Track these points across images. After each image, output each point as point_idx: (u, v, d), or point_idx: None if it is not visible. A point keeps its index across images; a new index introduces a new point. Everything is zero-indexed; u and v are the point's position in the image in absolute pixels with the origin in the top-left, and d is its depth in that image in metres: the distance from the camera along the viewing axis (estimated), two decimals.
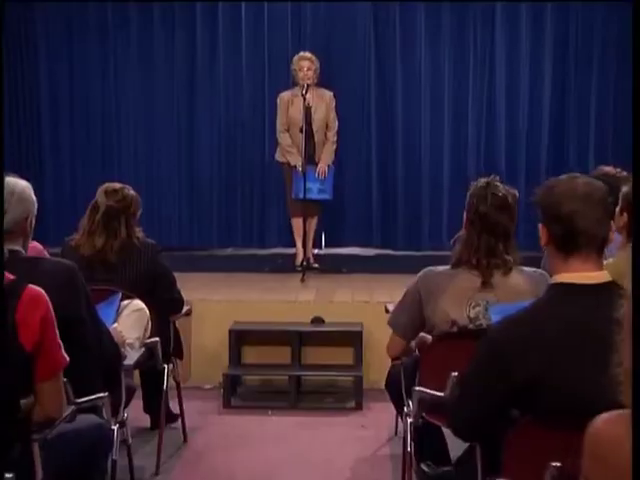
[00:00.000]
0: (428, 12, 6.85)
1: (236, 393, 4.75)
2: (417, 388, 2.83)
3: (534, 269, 2.83)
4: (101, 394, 2.67)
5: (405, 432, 2.97)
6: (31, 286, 2.04)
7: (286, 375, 4.69)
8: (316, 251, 6.36)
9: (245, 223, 6.96)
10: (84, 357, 2.53)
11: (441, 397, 2.77)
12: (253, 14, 6.85)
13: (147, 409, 4.01)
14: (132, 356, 3.04)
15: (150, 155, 6.92)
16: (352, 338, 4.80)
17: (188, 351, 4.71)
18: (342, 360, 4.84)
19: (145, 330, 3.25)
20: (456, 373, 2.71)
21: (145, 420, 4.02)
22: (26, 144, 6.89)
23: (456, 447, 3.07)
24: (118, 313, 3.18)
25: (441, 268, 2.81)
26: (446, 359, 2.74)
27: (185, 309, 3.82)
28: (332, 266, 6.18)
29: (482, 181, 2.76)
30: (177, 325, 3.81)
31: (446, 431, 3.07)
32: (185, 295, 3.81)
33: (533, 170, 6.86)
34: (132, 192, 3.58)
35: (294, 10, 6.88)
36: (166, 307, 3.64)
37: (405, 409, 2.99)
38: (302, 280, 5.67)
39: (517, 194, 2.75)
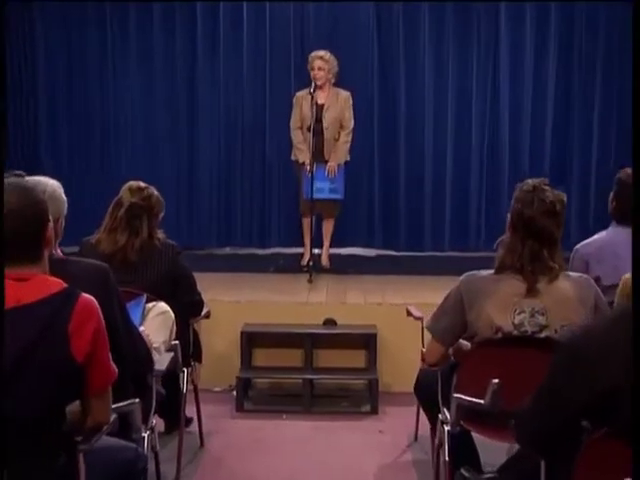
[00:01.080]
0: (432, 11, 6.81)
1: (248, 396, 4.67)
2: (456, 395, 2.77)
3: (579, 274, 2.78)
4: (134, 400, 2.59)
5: (441, 440, 2.90)
6: (84, 295, 1.94)
7: (299, 378, 4.61)
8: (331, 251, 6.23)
9: (245, 222, 6.90)
10: (119, 363, 2.44)
11: (480, 404, 2.71)
12: (255, 13, 6.78)
13: (161, 413, 3.91)
14: (162, 361, 2.95)
15: (149, 154, 6.83)
16: (366, 341, 4.73)
17: None
18: (354, 363, 4.77)
19: (171, 333, 3.16)
20: (497, 380, 2.66)
21: (158, 423, 3.92)
22: (22, 144, 6.75)
23: (487, 454, 3.05)
24: (144, 316, 3.09)
25: (484, 272, 2.75)
26: (487, 366, 2.69)
27: (205, 311, 3.73)
28: (333, 267, 6.10)
29: (529, 184, 2.69)
30: (196, 327, 3.72)
31: (476, 437, 3.03)
32: None
33: (537, 171, 6.78)
34: (157, 193, 3.49)
35: (296, 9, 6.81)
36: (186, 309, 3.56)
37: (440, 416, 2.93)
38: (309, 281, 5.59)
39: (565, 198, 2.67)
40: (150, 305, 3.14)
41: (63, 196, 2.60)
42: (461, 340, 2.79)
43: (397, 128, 6.82)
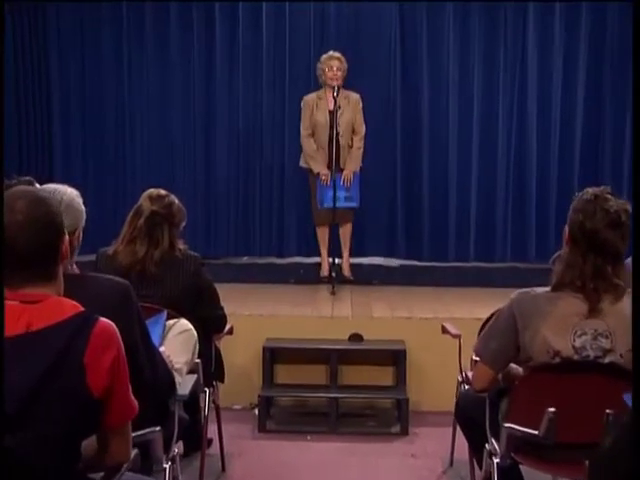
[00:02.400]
0: (457, 12, 6.59)
1: (270, 415, 4.43)
2: (507, 424, 2.52)
3: None
4: (154, 428, 2.36)
5: (488, 472, 2.65)
6: (102, 320, 1.71)
7: (323, 397, 4.37)
8: (352, 260, 6.01)
9: (263, 231, 6.68)
10: (140, 389, 2.21)
11: (535, 435, 2.47)
12: (274, 14, 6.58)
13: (181, 435, 3.67)
14: (185, 385, 2.72)
15: (165, 160, 6.64)
16: (394, 357, 4.50)
17: None
18: (382, 380, 4.53)
19: (193, 354, 2.93)
20: (553, 409, 2.42)
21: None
22: (35, 147, 6.58)
23: None
24: (164, 334, 2.86)
25: (539, 290, 2.49)
26: (542, 393, 2.45)
27: (228, 327, 3.49)
28: (355, 277, 5.87)
29: (589, 193, 2.44)
30: (217, 344, 3.48)
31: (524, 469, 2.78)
32: None
33: (566, 178, 6.60)
34: (177, 201, 3.27)
35: (317, 10, 6.61)
36: (209, 325, 3.33)
37: (487, 446, 2.68)
38: (332, 293, 5.36)
39: (630, 207, 2.42)
40: (171, 322, 2.92)
41: (82, 206, 2.38)
42: (512, 364, 2.54)
43: (420, 133, 6.60)
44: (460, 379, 3.48)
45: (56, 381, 1.61)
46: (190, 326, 2.94)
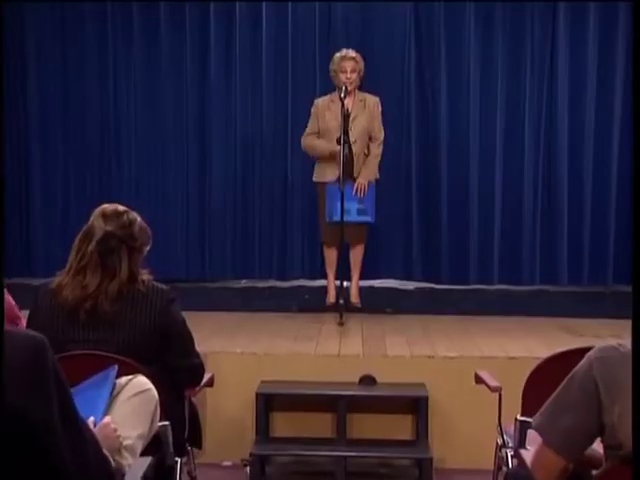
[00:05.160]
0: (478, 10, 6.12)
1: (265, 475, 3.71)
2: None
3: None
4: None
5: None
6: None
7: (329, 455, 3.66)
8: (360, 283, 5.40)
9: (263, 251, 6.25)
10: None
11: None
12: (275, 13, 6.15)
13: None
14: (135, 471, 2.00)
15: (155, 172, 6.26)
16: (414, 405, 3.79)
17: (203, 418, 3.71)
18: (399, 433, 3.83)
19: (152, 422, 2.23)
20: None
21: None
22: (11, 162, 6.11)
23: None
24: (112, 397, 2.16)
25: (629, 346, 1.76)
26: None
27: (206, 378, 2.78)
28: (366, 303, 5.25)
29: None
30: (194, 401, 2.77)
31: None
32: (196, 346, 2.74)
33: (601, 193, 6.12)
34: (140, 220, 2.58)
35: (322, 9, 6.16)
36: (181, 378, 2.62)
37: None
38: (340, 324, 4.67)
39: None
40: (123, 381, 2.23)
41: None
42: (595, 448, 1.82)
43: (438, 142, 6.16)
44: (500, 442, 2.79)
45: None
46: (149, 385, 2.24)
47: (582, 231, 6.07)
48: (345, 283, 5.10)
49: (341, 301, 4.92)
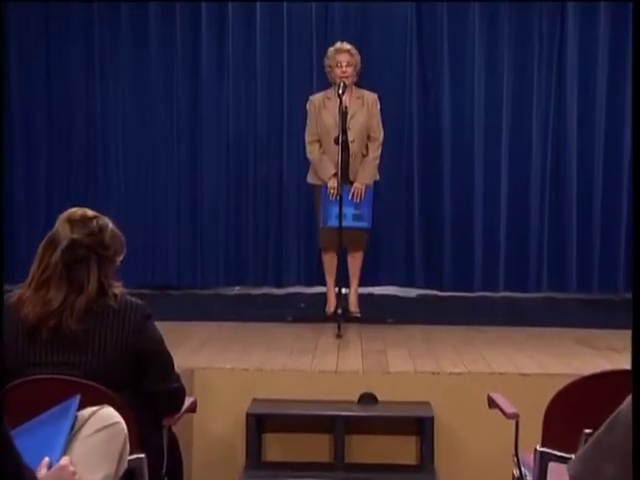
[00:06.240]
0: (483, 9, 5.97)
1: None
2: None
3: None
4: None
5: None
6: None
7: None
8: (360, 291, 5.17)
9: (258, 256, 6.09)
10: None
11: None
12: (269, 12, 5.99)
13: None
14: None
15: (144, 176, 6.10)
16: (418, 425, 3.52)
17: (188, 440, 3.44)
18: (402, 457, 3.56)
19: (119, 461, 1.94)
20: None
21: None
22: None
23: None
24: (73, 433, 1.88)
25: None
26: None
27: (187, 404, 2.48)
28: (366, 311, 5.00)
29: None
30: (174, 430, 2.48)
31: None
32: (183, 361, 2.44)
33: (612, 197, 5.95)
34: (112, 226, 2.30)
35: (319, 9, 6.01)
36: (158, 405, 2.34)
37: None
38: (338, 335, 4.40)
39: None
40: (87, 413, 1.94)
41: None
42: None
43: (440, 143, 6.02)
44: (517, 473, 2.52)
45: None
46: (116, 418, 1.96)
47: (592, 235, 5.93)
48: (343, 290, 4.86)
49: (339, 311, 4.65)
